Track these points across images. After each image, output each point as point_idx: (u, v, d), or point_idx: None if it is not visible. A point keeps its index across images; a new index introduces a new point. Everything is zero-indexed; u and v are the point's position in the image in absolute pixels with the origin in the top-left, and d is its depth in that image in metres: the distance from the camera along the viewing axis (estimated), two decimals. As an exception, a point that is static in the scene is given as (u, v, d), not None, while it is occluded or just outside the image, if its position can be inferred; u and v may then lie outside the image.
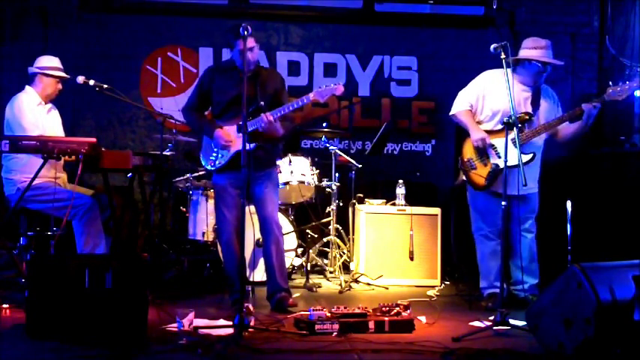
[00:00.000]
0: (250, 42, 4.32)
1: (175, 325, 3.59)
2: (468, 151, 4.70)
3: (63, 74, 4.93)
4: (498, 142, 4.51)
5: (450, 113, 4.83)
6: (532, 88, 4.66)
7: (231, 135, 4.40)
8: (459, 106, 4.76)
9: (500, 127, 4.55)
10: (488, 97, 4.67)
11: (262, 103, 4.35)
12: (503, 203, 4.06)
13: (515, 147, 4.11)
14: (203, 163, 4.57)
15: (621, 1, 6.70)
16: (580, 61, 6.88)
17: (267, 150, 4.52)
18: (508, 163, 4.10)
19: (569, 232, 5.49)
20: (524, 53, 4.61)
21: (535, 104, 4.65)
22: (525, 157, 4.44)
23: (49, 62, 4.90)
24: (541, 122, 4.61)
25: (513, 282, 4.75)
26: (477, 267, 4.83)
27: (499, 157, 4.47)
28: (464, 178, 4.76)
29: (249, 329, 3.69)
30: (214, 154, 4.47)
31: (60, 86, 4.94)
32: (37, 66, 4.88)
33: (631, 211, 5.26)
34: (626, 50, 6.52)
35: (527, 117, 4.51)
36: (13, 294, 4.46)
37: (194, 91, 4.62)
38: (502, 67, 4.12)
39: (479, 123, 4.70)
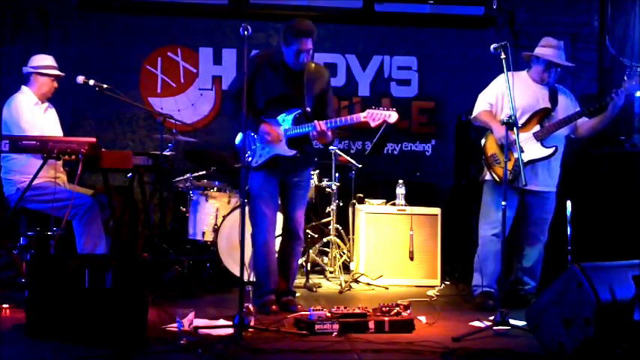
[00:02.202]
0: (309, 44, 4.23)
1: (175, 325, 3.58)
2: (491, 147, 4.69)
3: (57, 72, 4.91)
4: (521, 136, 4.52)
5: (471, 117, 4.84)
6: (545, 86, 4.67)
7: (276, 133, 4.29)
8: (479, 107, 4.77)
9: (522, 121, 4.58)
10: (507, 97, 4.69)
11: (309, 109, 4.29)
12: (503, 203, 4.08)
13: (537, 141, 4.22)
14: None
15: (621, 1, 6.70)
16: (580, 61, 6.87)
17: (306, 152, 4.44)
18: (528, 157, 4.13)
19: (569, 232, 5.49)
20: (535, 51, 4.68)
21: (553, 101, 4.67)
22: (547, 151, 4.54)
23: (43, 61, 4.90)
24: (560, 118, 4.62)
25: (515, 281, 4.74)
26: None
27: (522, 152, 4.48)
28: (487, 176, 4.75)
29: (249, 329, 3.69)
30: (250, 152, 4.36)
31: (55, 84, 4.93)
32: (31, 65, 4.87)
33: (631, 212, 5.26)
34: (626, 50, 6.52)
35: (547, 112, 4.57)
36: (13, 294, 4.45)
37: (238, 79, 4.45)
38: (505, 68, 4.14)
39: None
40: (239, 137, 4.50)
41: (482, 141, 4.76)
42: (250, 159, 4.35)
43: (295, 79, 4.32)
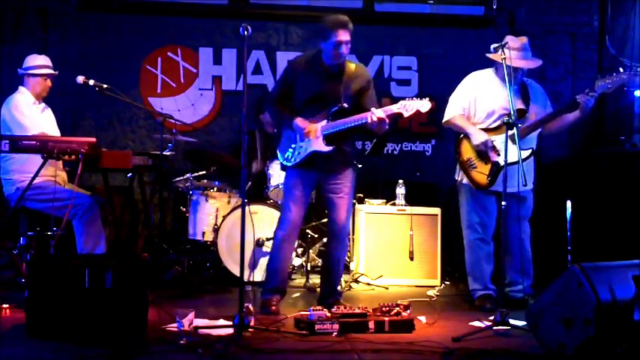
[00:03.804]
0: (346, 35, 4.22)
1: (175, 325, 3.59)
2: (467, 151, 4.68)
3: (48, 71, 4.91)
4: (496, 139, 4.50)
5: (444, 120, 4.80)
6: (515, 85, 4.56)
7: (310, 124, 4.26)
8: (453, 112, 4.74)
9: (496, 124, 4.56)
10: (480, 99, 4.67)
11: (346, 105, 4.25)
12: (503, 203, 4.07)
13: (514, 144, 4.13)
14: (279, 158, 4.46)
15: (621, 1, 6.70)
16: (580, 61, 6.88)
17: (343, 150, 4.36)
18: (508, 160, 4.11)
19: (569, 232, 5.49)
20: (499, 53, 4.59)
21: (525, 100, 4.64)
22: (524, 153, 4.43)
23: (33, 61, 4.91)
24: (532, 117, 4.59)
25: (509, 283, 4.73)
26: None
27: (498, 155, 4.46)
28: (461, 178, 4.73)
29: (249, 329, 3.70)
30: (290, 150, 4.35)
31: (49, 83, 4.93)
32: (23, 67, 4.90)
33: (631, 211, 5.26)
34: (626, 50, 6.52)
35: (522, 113, 4.53)
36: (13, 294, 4.46)
37: (278, 83, 4.52)
38: (504, 68, 4.13)
39: (473, 125, 4.68)
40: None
41: (456, 143, 4.74)
42: (289, 157, 4.36)
43: (333, 77, 4.29)
